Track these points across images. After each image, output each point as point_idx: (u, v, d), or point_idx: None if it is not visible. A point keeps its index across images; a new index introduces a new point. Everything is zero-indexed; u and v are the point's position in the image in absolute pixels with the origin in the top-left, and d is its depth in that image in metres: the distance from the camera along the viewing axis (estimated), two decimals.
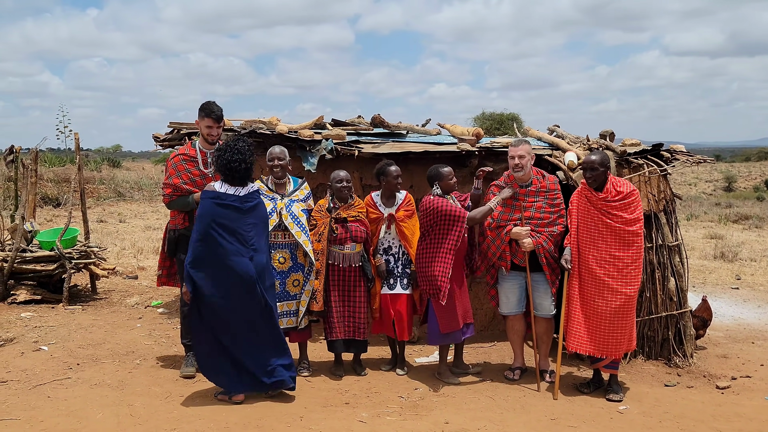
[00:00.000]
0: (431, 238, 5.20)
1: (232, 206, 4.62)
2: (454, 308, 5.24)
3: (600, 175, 4.98)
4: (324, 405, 4.73)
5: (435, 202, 5.17)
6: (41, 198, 17.53)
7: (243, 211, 4.66)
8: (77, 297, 7.86)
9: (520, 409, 4.79)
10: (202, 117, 5.15)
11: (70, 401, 4.56)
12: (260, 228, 4.77)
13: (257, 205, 4.77)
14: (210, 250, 4.56)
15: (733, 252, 12.51)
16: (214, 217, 4.57)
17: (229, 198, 4.63)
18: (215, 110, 5.12)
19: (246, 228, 4.66)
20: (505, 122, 26.46)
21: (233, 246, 4.58)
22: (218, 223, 4.57)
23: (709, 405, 4.98)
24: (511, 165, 5.30)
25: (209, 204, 4.60)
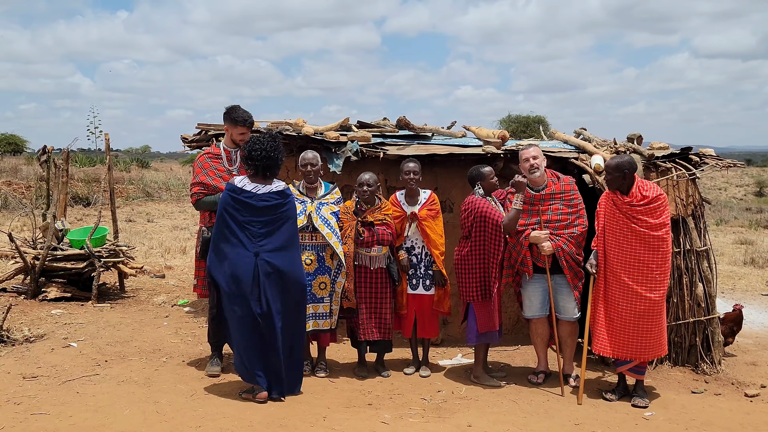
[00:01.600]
0: (474, 240, 5.21)
1: (246, 202, 4.71)
2: (493, 309, 5.26)
3: (616, 179, 4.94)
4: (347, 405, 4.75)
5: (477, 202, 5.21)
6: (72, 197, 17.86)
7: (257, 208, 4.73)
8: (106, 295, 7.99)
9: (544, 413, 4.76)
10: (234, 125, 5.22)
11: (98, 397, 4.63)
12: (277, 226, 4.78)
13: (277, 206, 4.79)
14: (222, 240, 4.71)
15: (763, 258, 12.30)
16: (227, 209, 4.71)
17: (244, 193, 4.72)
18: (247, 118, 5.23)
19: (256, 225, 4.72)
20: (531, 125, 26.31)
21: (241, 239, 4.68)
22: (230, 215, 4.70)
23: (737, 413, 4.90)
24: (526, 168, 5.28)
25: (225, 195, 4.76)
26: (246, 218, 4.72)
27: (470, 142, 6.98)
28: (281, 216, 4.82)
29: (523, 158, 5.31)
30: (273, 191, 4.80)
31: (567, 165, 6.28)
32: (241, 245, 4.70)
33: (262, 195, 4.76)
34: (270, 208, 4.77)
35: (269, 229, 4.77)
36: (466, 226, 5.25)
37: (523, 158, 5.31)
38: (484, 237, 5.17)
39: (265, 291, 4.71)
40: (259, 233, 4.73)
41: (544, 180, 5.31)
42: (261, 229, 4.74)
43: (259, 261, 4.69)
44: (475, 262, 5.22)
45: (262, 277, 4.69)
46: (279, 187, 4.84)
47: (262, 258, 4.70)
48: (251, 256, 4.69)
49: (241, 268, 4.67)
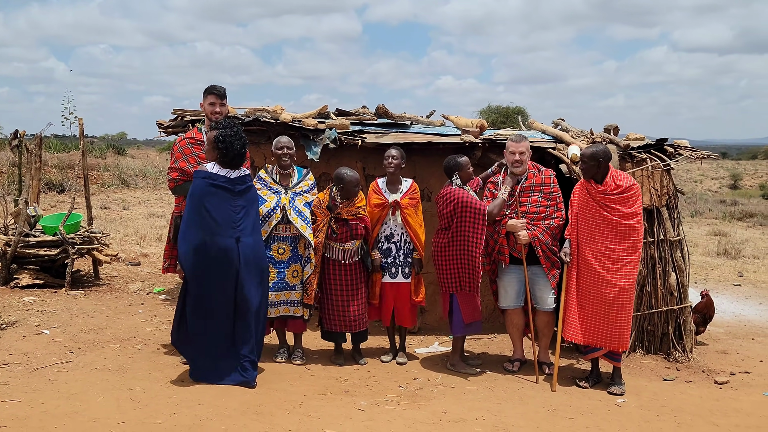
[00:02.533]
0: (454, 231, 5.21)
1: (223, 187, 4.69)
2: (477, 299, 5.30)
3: (591, 168, 4.99)
4: (323, 393, 4.75)
5: (455, 192, 5.20)
6: (45, 183, 17.59)
7: (234, 192, 4.72)
8: (80, 282, 7.89)
9: (518, 400, 4.81)
10: (205, 96, 5.21)
11: (71, 384, 4.58)
12: (249, 210, 4.81)
13: (248, 189, 4.83)
14: (198, 228, 4.65)
15: (736, 249, 12.51)
16: (204, 196, 4.66)
17: (220, 179, 4.70)
18: (218, 87, 5.20)
19: (235, 209, 4.72)
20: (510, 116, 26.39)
21: (220, 226, 4.65)
22: (207, 202, 4.66)
23: (707, 400, 4.99)
24: (511, 160, 5.31)
25: (202, 183, 4.68)
26: (225, 204, 4.70)
27: (449, 131, 6.99)
28: (251, 198, 4.85)
29: (510, 150, 5.32)
30: (242, 174, 4.82)
31: (544, 155, 6.31)
32: (221, 232, 4.66)
33: (236, 179, 4.76)
34: (244, 191, 4.79)
35: (245, 213, 4.77)
36: (446, 216, 5.25)
37: (510, 150, 5.32)
38: (466, 226, 5.17)
39: (243, 274, 4.71)
40: (237, 218, 4.72)
41: (525, 172, 5.34)
42: (239, 213, 4.74)
43: (240, 245, 4.69)
44: (455, 253, 5.22)
45: (242, 261, 4.69)
46: (245, 171, 4.88)
47: (243, 242, 4.71)
48: (233, 241, 4.68)
49: (223, 256, 4.64)
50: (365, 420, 4.26)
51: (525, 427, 4.31)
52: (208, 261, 4.65)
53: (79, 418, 4.03)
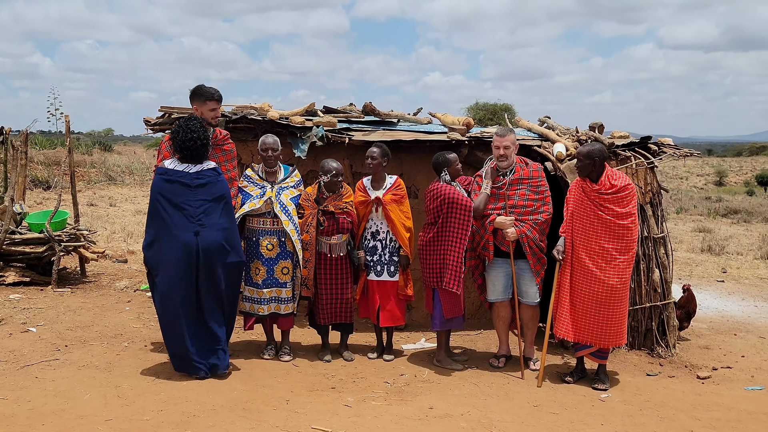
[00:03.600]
0: (440, 227, 5.25)
1: (179, 182, 4.76)
2: (459, 294, 5.33)
3: (586, 166, 5.03)
4: (310, 389, 4.78)
5: (444, 189, 5.24)
6: (31, 180, 17.45)
7: (191, 187, 4.77)
8: (66, 280, 7.86)
9: (504, 395, 4.86)
10: (204, 101, 5.17)
11: (58, 382, 4.59)
12: (214, 205, 4.83)
13: (209, 183, 4.84)
14: (156, 224, 4.76)
15: (720, 245, 12.64)
16: (161, 192, 4.76)
17: (176, 174, 4.77)
18: (215, 92, 5.20)
19: (194, 204, 4.76)
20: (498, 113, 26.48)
21: (177, 220, 4.72)
22: (164, 197, 4.74)
23: (689, 394, 5.07)
24: (496, 155, 5.35)
25: (157, 179, 4.80)
26: (182, 199, 4.75)
27: (436, 128, 7.02)
28: (216, 193, 4.85)
29: (495, 144, 5.36)
30: (205, 169, 4.84)
31: (530, 152, 6.36)
32: (178, 227, 4.73)
33: (195, 174, 4.81)
34: (204, 186, 4.81)
35: (206, 207, 4.80)
36: (432, 211, 5.29)
37: (495, 144, 5.36)
38: (452, 223, 5.21)
39: (205, 269, 4.75)
40: (197, 212, 4.77)
41: (512, 165, 5.37)
42: (198, 207, 4.78)
43: (200, 239, 4.73)
44: (440, 248, 5.27)
45: (202, 255, 4.73)
46: (210, 165, 4.89)
47: (202, 236, 4.74)
48: (191, 236, 4.73)
49: (181, 249, 4.71)
50: (352, 416, 4.30)
51: (510, 422, 4.36)
52: (167, 255, 4.73)
53: (66, 415, 4.04)
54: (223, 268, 4.83)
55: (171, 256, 4.72)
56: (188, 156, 4.80)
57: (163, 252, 4.74)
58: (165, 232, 4.74)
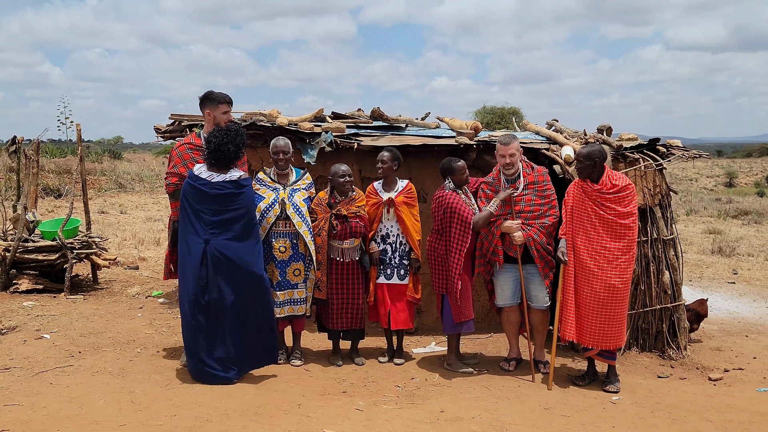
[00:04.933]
0: (443, 234, 5.29)
1: (200, 189, 4.83)
2: (468, 298, 5.35)
3: (587, 167, 5.04)
4: (322, 393, 4.80)
5: (447, 196, 5.28)
6: (42, 189, 17.60)
7: (209, 195, 4.82)
8: (79, 287, 7.93)
9: (515, 398, 4.87)
10: (216, 105, 5.20)
11: (72, 388, 4.63)
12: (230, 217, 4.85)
13: (229, 195, 4.85)
14: (182, 227, 4.89)
15: (730, 247, 12.58)
16: (185, 195, 4.87)
17: (198, 180, 4.85)
18: (226, 96, 5.25)
19: (208, 212, 4.82)
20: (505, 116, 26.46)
21: (192, 226, 4.82)
22: (187, 201, 4.85)
23: (700, 396, 5.05)
24: (502, 163, 5.34)
25: (185, 183, 4.91)
26: (199, 206, 4.83)
27: (443, 133, 7.05)
28: (234, 205, 4.87)
29: (500, 153, 5.33)
30: (227, 180, 4.87)
31: (538, 156, 6.38)
32: (194, 232, 4.82)
33: (215, 183, 4.85)
34: (222, 196, 4.84)
35: (221, 218, 4.84)
36: (437, 219, 5.33)
37: (500, 153, 5.33)
38: (452, 232, 5.24)
39: (216, 279, 4.80)
40: (210, 221, 4.82)
41: (518, 171, 5.37)
42: (212, 217, 4.83)
43: (209, 248, 4.79)
44: (444, 255, 5.29)
45: (211, 264, 4.78)
46: (233, 177, 4.90)
47: (213, 245, 4.79)
48: (201, 242, 4.79)
49: (191, 254, 4.80)
50: (364, 420, 4.32)
51: (521, 425, 4.36)
52: (184, 258, 4.85)
53: (81, 420, 4.08)
54: (233, 282, 4.84)
55: (187, 259, 4.83)
56: (213, 162, 4.86)
57: (182, 255, 4.87)
58: (184, 236, 4.86)
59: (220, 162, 4.85)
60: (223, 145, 4.81)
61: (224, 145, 4.81)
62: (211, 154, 4.85)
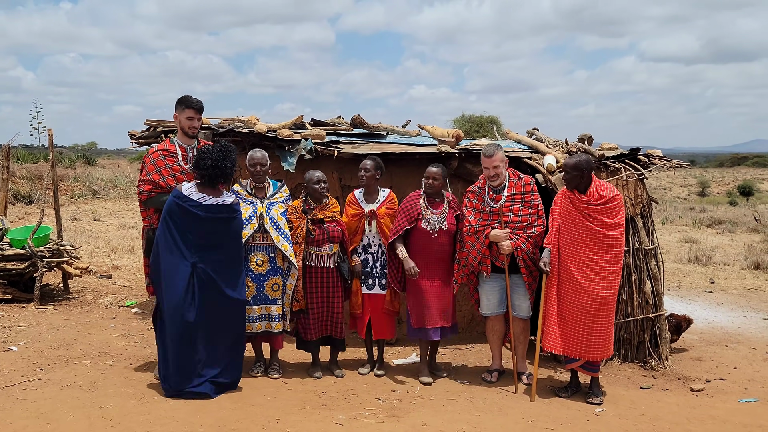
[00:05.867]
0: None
1: (190, 211, 4.65)
2: (423, 304, 5.33)
3: (574, 178, 4.98)
4: (300, 407, 4.68)
5: (409, 198, 5.42)
6: (13, 195, 17.20)
7: (200, 219, 4.66)
8: (49, 296, 7.71)
9: (498, 411, 4.79)
10: (182, 109, 5.08)
11: (40, 403, 4.45)
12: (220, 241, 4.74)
13: (221, 220, 4.74)
14: (161, 243, 4.68)
15: (707, 256, 12.68)
16: (171, 214, 4.66)
17: (189, 202, 4.66)
18: (194, 101, 5.10)
19: (197, 236, 4.67)
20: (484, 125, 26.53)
21: (177, 247, 4.63)
22: (173, 222, 4.65)
23: (683, 407, 5.02)
24: (487, 175, 5.25)
25: (171, 202, 4.69)
26: (187, 227, 4.66)
27: (425, 141, 6.99)
28: (225, 231, 4.76)
29: (485, 165, 5.20)
30: (220, 204, 4.73)
31: (520, 165, 6.33)
32: (179, 254, 4.64)
33: (208, 206, 4.69)
34: (214, 221, 4.72)
35: (211, 242, 4.71)
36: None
37: (485, 165, 5.20)
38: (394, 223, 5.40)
39: (201, 301, 4.66)
40: (198, 244, 4.67)
41: (505, 181, 5.30)
42: (201, 240, 4.68)
43: (196, 271, 4.65)
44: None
45: (197, 287, 4.64)
46: (227, 201, 4.78)
47: (200, 268, 4.66)
48: (188, 266, 4.64)
49: (177, 277, 4.62)
50: None
51: None
52: (168, 280, 4.64)
53: None
54: (217, 305, 4.73)
55: (169, 282, 4.64)
56: (206, 181, 4.69)
57: (165, 277, 4.66)
58: (168, 257, 4.65)
59: (214, 181, 4.69)
60: (220, 161, 4.65)
61: (221, 161, 4.65)
62: (205, 171, 4.65)
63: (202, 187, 4.72)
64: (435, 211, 5.34)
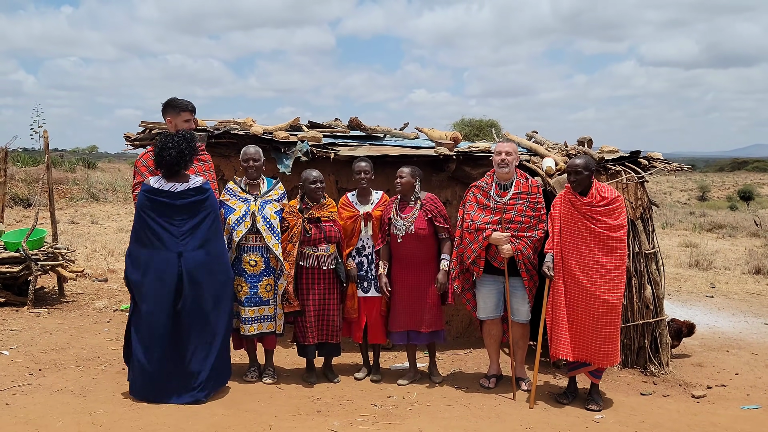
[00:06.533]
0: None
1: (163, 202, 4.60)
2: (396, 309, 5.32)
3: (585, 179, 4.91)
4: (295, 413, 4.60)
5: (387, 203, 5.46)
6: (11, 198, 17.15)
7: (175, 207, 4.62)
8: (43, 300, 7.63)
9: (495, 417, 4.70)
10: (178, 112, 5.01)
11: (30, 408, 4.36)
12: (199, 224, 4.67)
13: (195, 202, 4.68)
14: (140, 242, 4.62)
15: (707, 260, 12.61)
16: (144, 210, 4.61)
17: (160, 193, 4.61)
18: (188, 103, 5.05)
19: (178, 224, 4.62)
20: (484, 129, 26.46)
21: (160, 240, 4.58)
22: (148, 215, 4.60)
23: (684, 414, 4.93)
24: (497, 161, 5.14)
25: (141, 196, 4.64)
26: (166, 219, 4.60)
27: (423, 143, 6.92)
28: (202, 211, 4.70)
29: (497, 150, 5.15)
30: (191, 188, 4.69)
31: (519, 167, 6.26)
32: (162, 247, 4.58)
33: (180, 193, 4.65)
34: (189, 205, 4.66)
35: (191, 226, 4.65)
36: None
37: (497, 150, 5.15)
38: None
39: (190, 291, 4.59)
40: (181, 232, 4.62)
41: (513, 178, 5.20)
42: (183, 227, 4.63)
43: (183, 260, 4.58)
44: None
45: (186, 276, 4.58)
46: (196, 183, 4.73)
47: (186, 256, 4.59)
48: (174, 256, 4.58)
49: (165, 270, 4.55)
50: None
51: None
52: (149, 276, 4.57)
53: None
54: (210, 290, 4.68)
55: (152, 277, 4.56)
56: (167, 170, 4.65)
57: (144, 272, 4.58)
58: (147, 252, 4.59)
59: (167, 168, 4.64)
60: (164, 150, 4.60)
61: (165, 150, 4.60)
62: (172, 160, 4.62)
63: (169, 177, 4.67)
64: (402, 216, 5.27)
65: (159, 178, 4.68)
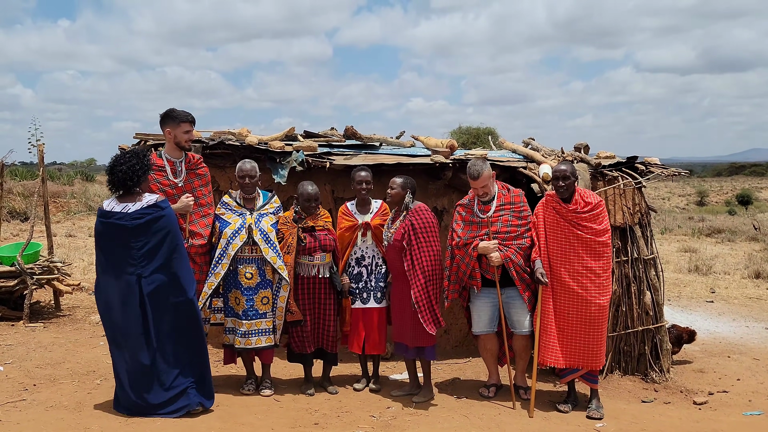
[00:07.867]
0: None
1: (117, 224, 4.48)
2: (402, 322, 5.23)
3: (572, 184, 4.94)
4: (292, 426, 4.54)
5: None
6: (8, 212, 17.09)
7: (130, 229, 4.47)
8: (39, 314, 7.58)
9: (495, 427, 4.65)
10: (177, 123, 4.97)
11: (23, 425, 4.31)
12: (157, 244, 4.51)
13: (150, 221, 4.51)
14: (100, 267, 4.57)
15: (707, 265, 12.57)
16: (100, 234, 4.53)
17: (113, 216, 4.49)
18: (188, 114, 5.01)
19: (135, 245, 4.48)
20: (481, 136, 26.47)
21: (119, 266, 4.47)
22: (104, 240, 4.52)
23: (686, 421, 4.88)
24: (475, 194, 5.15)
25: (96, 222, 4.56)
26: (120, 242, 4.48)
27: (419, 151, 6.89)
28: (159, 231, 4.53)
29: (473, 186, 5.09)
30: (144, 207, 4.53)
31: (516, 174, 6.24)
32: (121, 271, 4.47)
33: (134, 213, 4.50)
34: (144, 225, 4.50)
35: (149, 247, 4.50)
36: None
37: (473, 186, 5.09)
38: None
39: (151, 312, 4.50)
40: (138, 255, 4.48)
41: (494, 193, 5.18)
42: (140, 249, 4.49)
43: (143, 283, 4.48)
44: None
45: (147, 299, 4.48)
46: (151, 201, 4.58)
47: (145, 280, 4.48)
48: (134, 280, 4.47)
49: (124, 295, 4.46)
50: None
51: None
52: (111, 297, 4.50)
53: None
54: (173, 310, 4.56)
55: (114, 298, 4.49)
56: (118, 189, 4.53)
57: (106, 294, 4.53)
58: (109, 278, 4.51)
59: (118, 186, 4.52)
60: (115, 167, 4.50)
61: (116, 167, 4.50)
62: (123, 177, 4.48)
63: (122, 197, 4.56)
64: (391, 226, 5.23)
65: (112, 200, 4.56)
